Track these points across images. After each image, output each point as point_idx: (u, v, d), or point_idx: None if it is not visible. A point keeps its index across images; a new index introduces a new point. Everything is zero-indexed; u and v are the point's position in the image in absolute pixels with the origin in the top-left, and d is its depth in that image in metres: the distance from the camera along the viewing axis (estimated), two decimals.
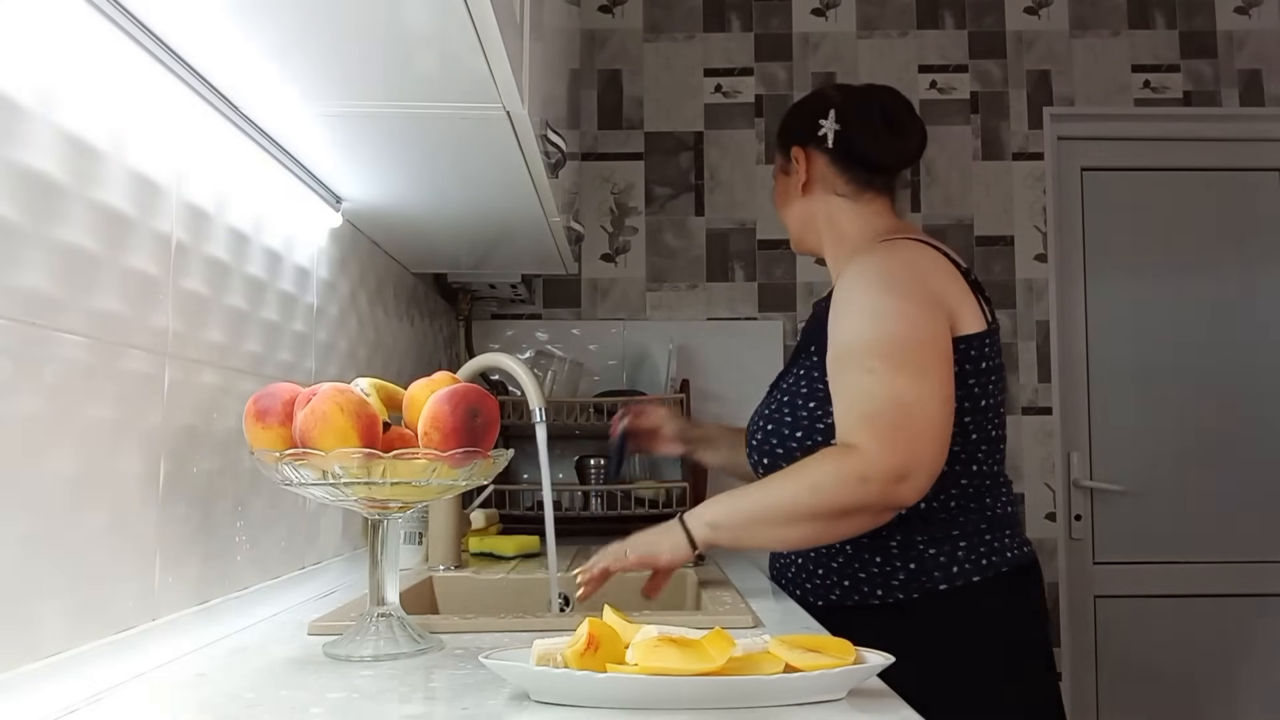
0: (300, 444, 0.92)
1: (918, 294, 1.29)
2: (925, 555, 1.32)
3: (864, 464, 1.19)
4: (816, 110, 1.48)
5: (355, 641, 0.96)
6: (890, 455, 1.19)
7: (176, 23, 0.91)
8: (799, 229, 1.53)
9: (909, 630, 1.28)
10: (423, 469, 0.93)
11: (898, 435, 1.19)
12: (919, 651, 1.09)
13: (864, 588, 1.34)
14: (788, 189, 1.52)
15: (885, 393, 1.21)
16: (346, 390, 0.94)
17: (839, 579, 1.36)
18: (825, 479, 1.20)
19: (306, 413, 0.92)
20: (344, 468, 0.91)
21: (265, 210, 1.25)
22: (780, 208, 1.56)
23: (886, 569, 1.33)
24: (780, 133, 1.55)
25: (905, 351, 1.24)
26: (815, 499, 1.20)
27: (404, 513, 1.00)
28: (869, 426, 1.21)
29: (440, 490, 0.98)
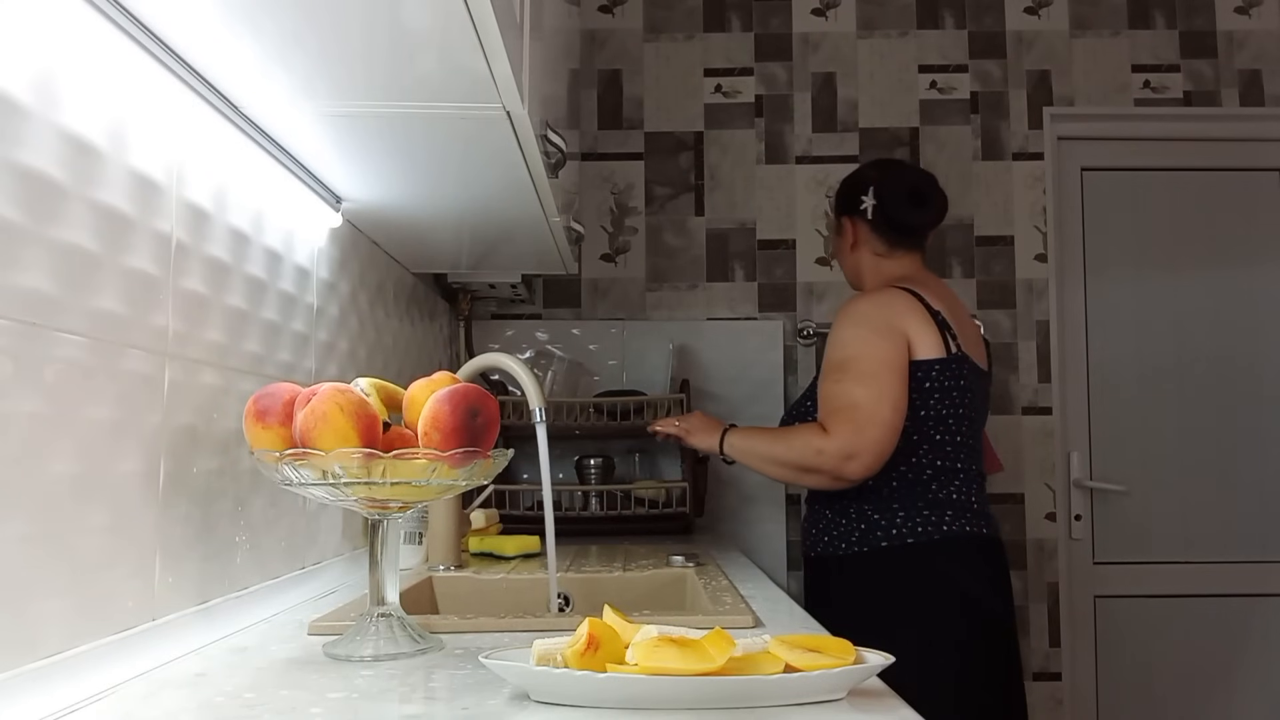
0: (300, 444, 0.92)
1: (878, 326, 1.77)
2: (871, 519, 1.80)
3: (824, 441, 1.72)
4: (858, 187, 1.96)
5: (355, 641, 0.96)
6: (840, 439, 1.70)
7: (176, 22, 0.91)
8: (850, 276, 2.03)
9: (866, 575, 1.80)
10: (423, 469, 0.93)
11: (848, 426, 1.70)
12: (876, 591, 1.77)
13: (837, 542, 1.84)
14: (841, 247, 2.03)
15: (844, 395, 1.73)
16: (346, 390, 0.94)
17: (821, 535, 1.88)
18: (799, 444, 1.76)
19: (306, 413, 0.92)
20: (344, 468, 0.91)
21: (265, 210, 1.26)
22: (840, 260, 2.05)
23: (848, 528, 1.83)
24: (837, 199, 2.01)
25: (861, 367, 1.74)
26: (789, 455, 1.78)
27: (404, 513, 1.00)
28: (832, 417, 1.73)
29: (440, 490, 0.98)
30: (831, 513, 1.85)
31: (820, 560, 1.89)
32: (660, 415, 2.38)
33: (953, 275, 2.79)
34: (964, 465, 1.82)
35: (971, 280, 2.80)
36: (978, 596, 1.76)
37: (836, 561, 1.83)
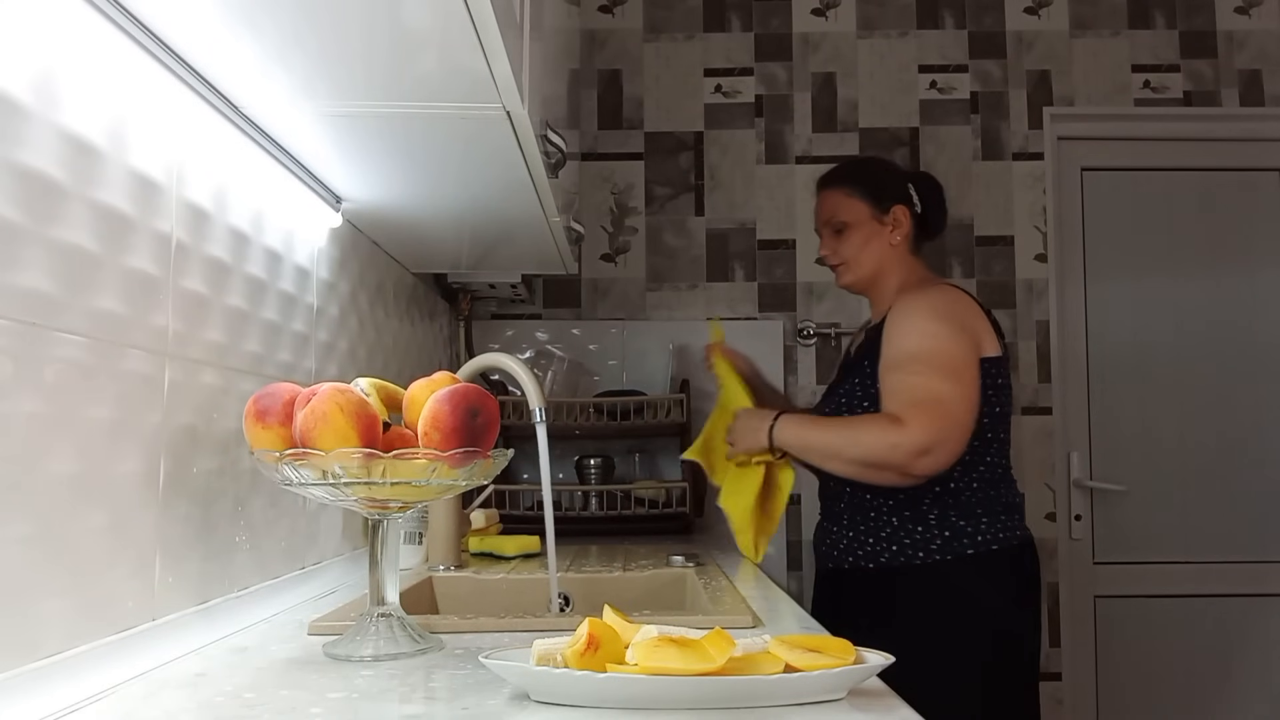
0: (300, 444, 0.92)
1: (955, 323, 1.68)
2: (956, 524, 1.68)
3: (900, 434, 1.58)
4: (903, 181, 1.89)
5: (355, 641, 0.96)
6: (921, 432, 1.57)
7: (176, 22, 0.91)
8: (872, 270, 1.85)
9: (949, 584, 1.67)
10: (423, 469, 0.93)
11: (930, 419, 1.58)
12: (962, 599, 1.65)
13: (910, 550, 1.69)
14: (878, 237, 1.85)
15: (926, 387, 1.61)
16: (346, 390, 0.94)
17: (883, 543, 1.71)
18: (869, 437, 1.62)
19: (306, 413, 0.92)
20: (344, 468, 0.91)
21: (265, 210, 1.26)
22: (859, 249, 1.85)
23: (925, 535, 1.69)
24: (875, 187, 1.86)
25: (943, 361, 1.63)
26: (857, 450, 1.62)
27: (404, 513, 1.00)
28: (911, 409, 1.59)
29: (440, 490, 0.98)
30: (899, 520, 1.70)
31: (872, 573, 1.72)
32: (660, 415, 2.38)
33: (953, 275, 2.79)
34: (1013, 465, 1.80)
35: (972, 280, 2.80)
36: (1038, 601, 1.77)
37: (910, 572, 1.68)
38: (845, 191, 1.86)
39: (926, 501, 1.68)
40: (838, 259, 1.86)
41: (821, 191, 1.91)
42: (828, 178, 1.92)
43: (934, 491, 1.67)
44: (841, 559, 1.77)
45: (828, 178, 1.92)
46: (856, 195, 1.85)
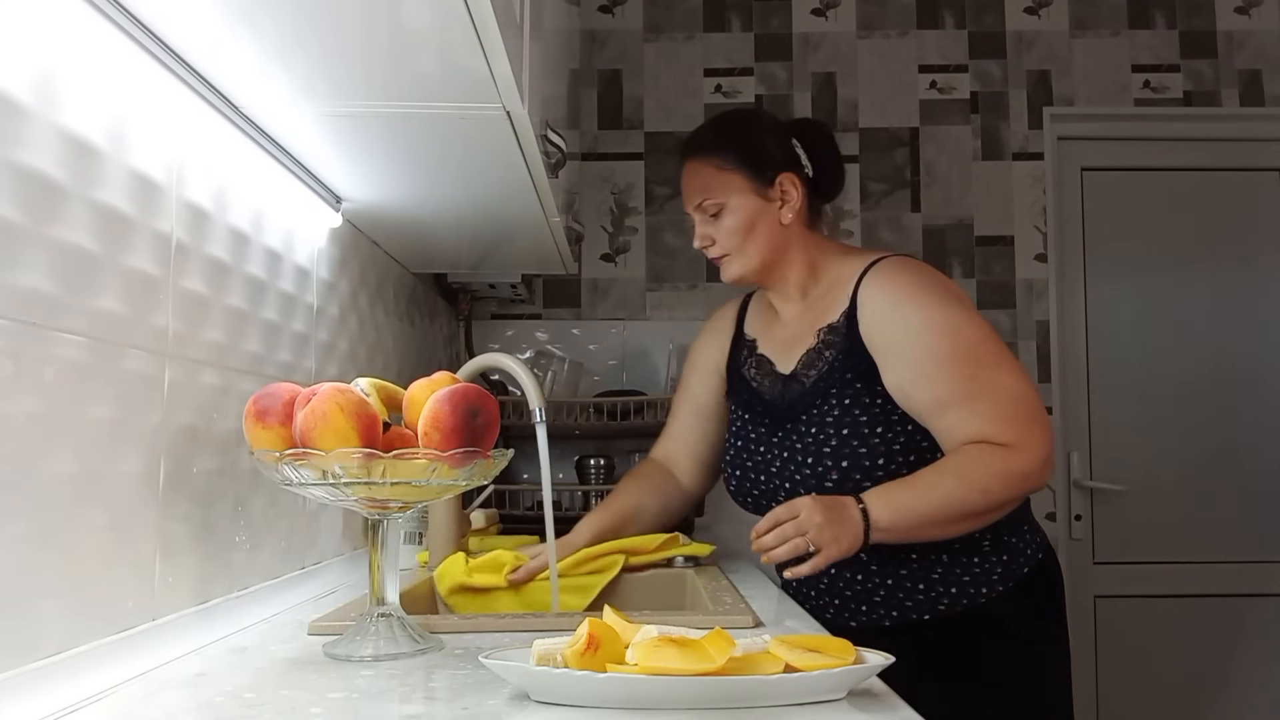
0: (300, 444, 0.92)
1: (962, 300, 1.40)
2: (1013, 545, 1.43)
3: (1025, 460, 1.27)
4: (784, 137, 1.49)
5: (355, 641, 0.96)
6: (1041, 446, 1.29)
7: (176, 22, 0.91)
8: (765, 257, 1.47)
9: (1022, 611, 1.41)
10: (423, 469, 0.93)
11: (1035, 427, 1.30)
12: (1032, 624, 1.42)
13: (974, 588, 1.39)
14: (764, 217, 1.46)
15: (999, 391, 1.31)
16: (346, 390, 0.94)
17: (945, 586, 1.40)
18: (993, 481, 1.27)
19: (306, 413, 0.92)
20: (344, 468, 0.91)
21: (265, 210, 1.25)
22: (743, 235, 1.45)
23: (985, 569, 1.40)
24: (752, 153, 1.46)
25: (990, 349, 1.35)
26: (986, 500, 1.28)
27: (404, 513, 1.00)
28: (1010, 425, 1.29)
29: (440, 490, 0.98)
30: (950, 555, 1.39)
31: (929, 625, 1.41)
32: (660, 415, 2.37)
33: (953, 275, 2.79)
34: None
35: (972, 280, 2.80)
36: None
37: (976, 615, 1.39)
38: (715, 163, 1.46)
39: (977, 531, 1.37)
40: (719, 250, 1.48)
41: (685, 164, 1.51)
42: (690, 146, 1.51)
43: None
44: (879, 617, 1.43)
45: (690, 146, 1.51)
46: (730, 166, 1.45)
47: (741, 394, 1.57)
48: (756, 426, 1.52)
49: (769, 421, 1.49)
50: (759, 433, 1.50)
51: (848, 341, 1.42)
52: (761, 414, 1.51)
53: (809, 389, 1.44)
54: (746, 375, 1.57)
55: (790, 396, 1.47)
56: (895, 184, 2.82)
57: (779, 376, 1.52)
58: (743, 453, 1.53)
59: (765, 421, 1.50)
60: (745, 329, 1.62)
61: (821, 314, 1.48)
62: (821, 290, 1.49)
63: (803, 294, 1.51)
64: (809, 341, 1.48)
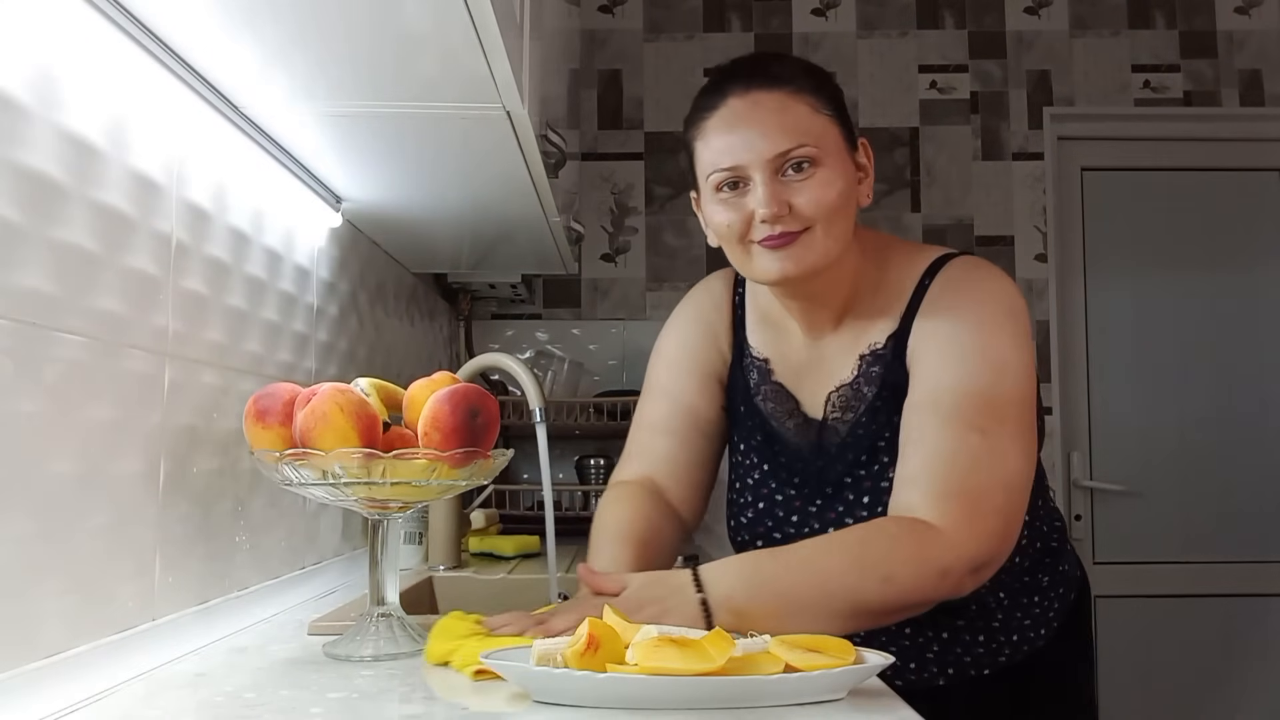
0: (300, 444, 0.92)
1: (1029, 342, 1.08)
2: (1064, 572, 1.23)
3: (949, 553, 0.95)
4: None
5: (355, 641, 0.96)
6: (978, 544, 0.96)
7: (176, 22, 0.91)
8: (844, 247, 1.07)
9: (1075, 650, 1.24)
10: (423, 469, 0.93)
11: (992, 522, 0.98)
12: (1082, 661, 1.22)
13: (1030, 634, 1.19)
14: (853, 185, 1.08)
15: (994, 465, 0.99)
16: (347, 390, 0.93)
17: (1005, 634, 1.17)
18: (903, 570, 0.95)
19: (306, 413, 0.91)
20: (344, 468, 0.90)
21: (265, 210, 1.25)
22: (837, 209, 1.04)
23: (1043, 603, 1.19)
24: (842, 104, 1.09)
25: (1021, 417, 1.03)
26: (885, 591, 0.94)
27: (404, 513, 1.00)
28: (965, 504, 0.97)
29: (440, 490, 0.98)
30: (1010, 598, 1.17)
31: (988, 680, 1.18)
32: None
33: None
34: None
35: None
36: None
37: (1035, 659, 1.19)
38: (811, 103, 1.05)
39: (1033, 569, 1.17)
40: (801, 221, 1.03)
41: (755, 93, 1.04)
42: (768, 70, 1.06)
43: (1037, 544, 1.18)
44: (931, 676, 1.18)
45: (768, 70, 1.06)
46: (829, 113, 1.06)
47: (751, 429, 1.20)
48: (784, 486, 1.16)
49: (798, 482, 1.15)
50: (786, 495, 1.15)
51: (892, 372, 1.09)
52: (786, 468, 1.16)
53: (847, 439, 1.12)
54: (762, 408, 1.19)
55: (826, 448, 1.13)
56: (895, 184, 2.82)
57: (809, 421, 1.16)
58: (765, 518, 1.16)
59: (794, 481, 1.15)
60: (749, 338, 1.22)
61: (861, 334, 1.12)
62: (865, 304, 1.13)
63: (843, 312, 1.14)
64: (842, 373, 1.13)
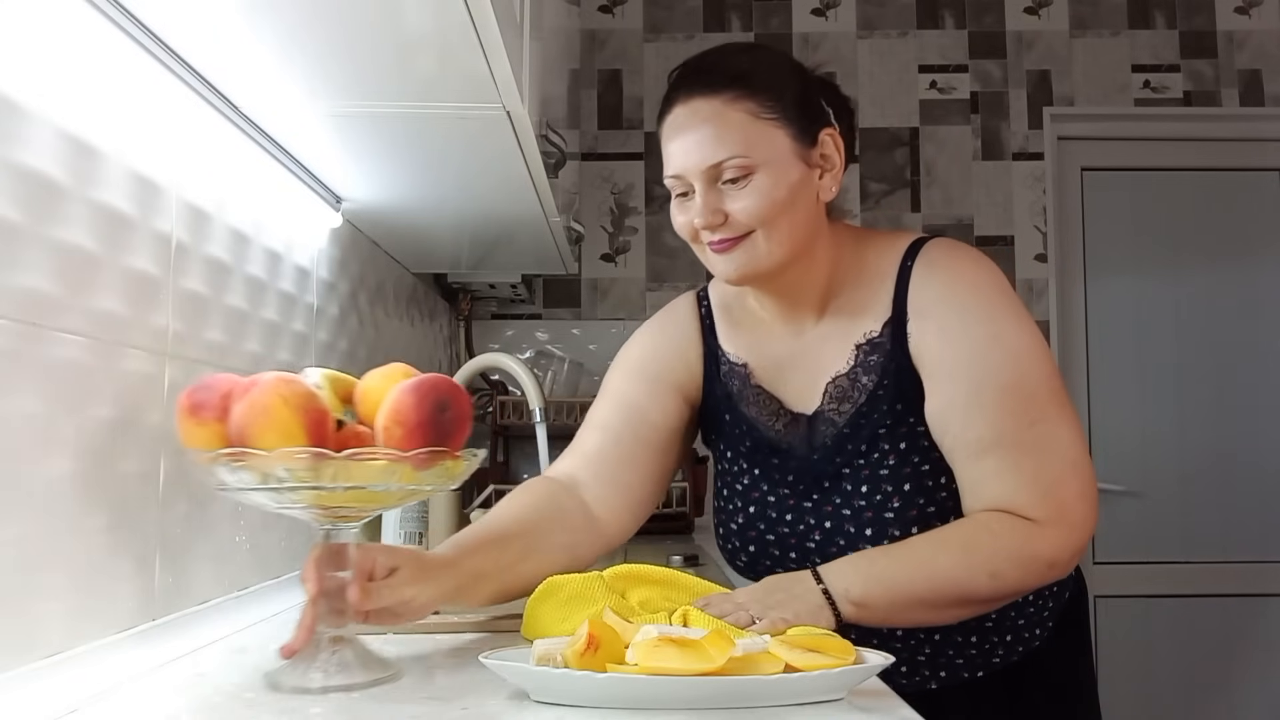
0: (237, 442, 0.78)
1: (1028, 315, 1.09)
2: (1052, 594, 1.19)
3: (1053, 546, 0.99)
4: (817, 89, 1.10)
5: (301, 669, 0.82)
6: (1078, 533, 1.01)
7: (177, 23, 0.91)
8: (798, 248, 1.07)
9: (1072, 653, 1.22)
10: (381, 471, 0.79)
11: (1080, 506, 1.01)
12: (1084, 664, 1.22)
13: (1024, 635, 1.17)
14: (804, 189, 1.05)
15: (1058, 451, 1.02)
16: (292, 380, 0.81)
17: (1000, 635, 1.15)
18: (1009, 565, 0.98)
19: (245, 406, 0.78)
20: (290, 470, 0.77)
21: (265, 210, 1.25)
22: (778, 212, 1.03)
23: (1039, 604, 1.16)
24: (797, 98, 1.06)
25: (1056, 392, 1.06)
26: (995, 585, 0.99)
27: (358, 522, 0.85)
28: (1052, 498, 1.00)
29: (401, 496, 0.85)
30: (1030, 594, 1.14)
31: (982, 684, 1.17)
32: None
33: None
34: None
35: None
36: None
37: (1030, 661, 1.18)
38: (750, 106, 1.03)
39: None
40: (736, 229, 1.04)
41: (692, 101, 1.04)
42: (707, 76, 1.05)
43: None
44: (923, 679, 1.16)
45: (707, 76, 1.05)
46: (772, 115, 1.03)
47: (739, 437, 1.18)
48: (775, 486, 1.15)
49: (792, 479, 1.13)
50: (779, 494, 1.14)
51: (893, 360, 1.07)
52: (779, 468, 1.14)
53: (845, 430, 1.09)
54: (748, 414, 1.17)
55: (820, 443, 1.11)
56: (895, 184, 2.82)
57: (796, 417, 1.14)
58: (757, 521, 1.15)
59: (788, 480, 1.13)
60: (723, 345, 1.23)
61: (851, 323, 1.11)
62: (848, 294, 1.12)
63: (824, 303, 1.13)
64: (837, 364, 1.11)
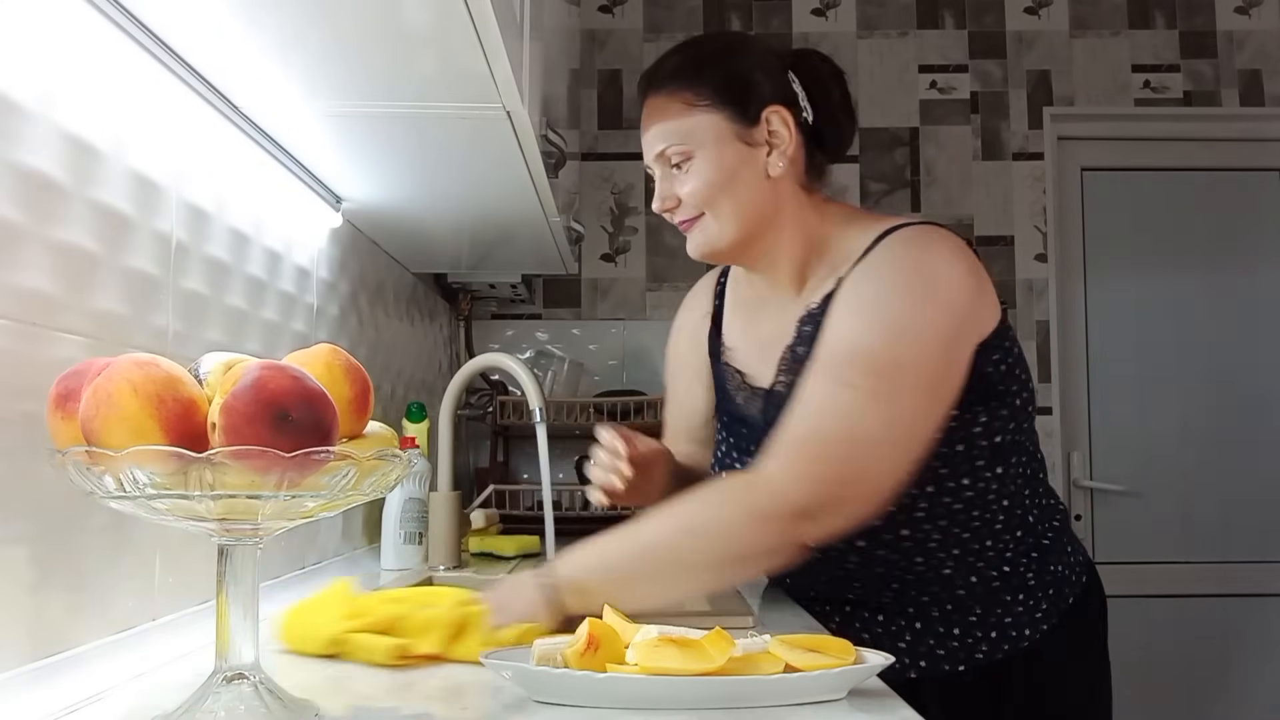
0: (85, 439, 0.65)
1: (955, 315, 1.05)
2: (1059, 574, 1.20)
3: (769, 499, 0.97)
4: (774, 64, 1.14)
5: (190, 715, 0.68)
6: (801, 487, 0.97)
7: (176, 23, 0.91)
8: (749, 225, 1.11)
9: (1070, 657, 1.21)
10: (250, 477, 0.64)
11: (823, 469, 0.98)
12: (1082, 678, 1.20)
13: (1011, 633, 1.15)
14: (748, 166, 1.10)
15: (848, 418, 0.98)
16: (148, 364, 0.66)
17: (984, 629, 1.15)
18: (720, 523, 0.98)
19: (89, 394, 0.65)
20: (153, 474, 0.63)
21: (265, 210, 1.26)
22: (717, 187, 1.10)
23: (1029, 602, 1.16)
24: (734, 81, 1.12)
25: (903, 381, 1.00)
26: (711, 547, 0.98)
27: (262, 536, 0.71)
28: (797, 449, 0.98)
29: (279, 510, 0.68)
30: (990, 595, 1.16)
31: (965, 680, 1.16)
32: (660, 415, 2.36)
33: None
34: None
35: None
36: None
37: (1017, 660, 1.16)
38: (685, 98, 1.12)
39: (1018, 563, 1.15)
40: (687, 212, 1.13)
41: (646, 101, 1.16)
42: (652, 76, 1.16)
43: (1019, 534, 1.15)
44: (903, 667, 1.15)
45: (652, 76, 1.16)
46: (705, 102, 1.11)
47: (721, 411, 1.26)
48: (742, 455, 1.20)
49: (753, 449, 1.11)
50: (744, 464, 1.18)
51: (819, 330, 1.08)
52: (747, 438, 1.19)
53: (789, 401, 1.07)
54: (728, 388, 1.24)
55: (773, 414, 1.10)
56: (895, 184, 2.82)
57: (754, 390, 1.19)
58: None
59: (750, 449, 1.14)
60: (724, 325, 1.30)
61: (809, 299, 1.14)
62: (822, 271, 1.14)
63: (801, 278, 1.15)
64: (786, 338, 1.15)
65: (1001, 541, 1.14)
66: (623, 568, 0.99)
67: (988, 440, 1.09)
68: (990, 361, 1.08)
